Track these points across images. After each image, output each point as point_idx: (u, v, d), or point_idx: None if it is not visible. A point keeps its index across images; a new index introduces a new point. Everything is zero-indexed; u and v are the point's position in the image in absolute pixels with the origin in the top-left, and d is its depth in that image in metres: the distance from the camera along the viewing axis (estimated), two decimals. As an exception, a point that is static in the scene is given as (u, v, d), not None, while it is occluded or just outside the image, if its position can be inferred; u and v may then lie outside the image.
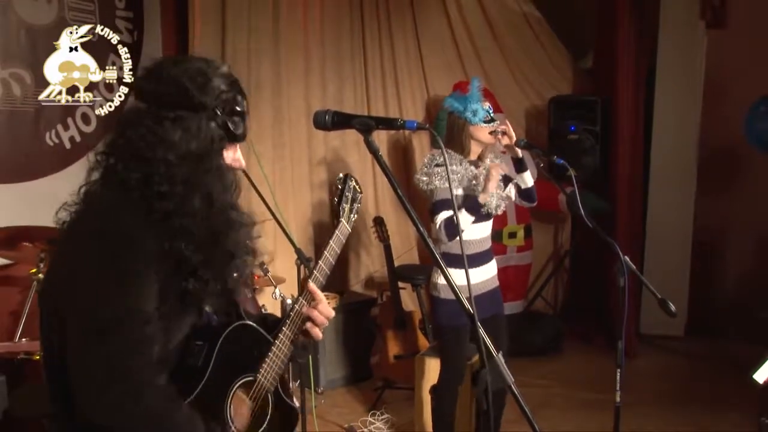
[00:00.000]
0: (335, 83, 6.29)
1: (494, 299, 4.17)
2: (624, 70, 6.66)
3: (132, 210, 1.80)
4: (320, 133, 4.96)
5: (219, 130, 1.90)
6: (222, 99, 1.90)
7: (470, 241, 4.03)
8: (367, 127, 2.03)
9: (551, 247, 7.62)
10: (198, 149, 1.85)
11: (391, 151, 6.79)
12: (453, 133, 4.07)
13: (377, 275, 6.35)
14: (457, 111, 4.05)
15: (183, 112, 1.85)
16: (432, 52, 7.04)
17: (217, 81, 1.90)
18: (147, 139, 1.82)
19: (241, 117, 1.95)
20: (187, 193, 1.83)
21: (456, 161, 3.99)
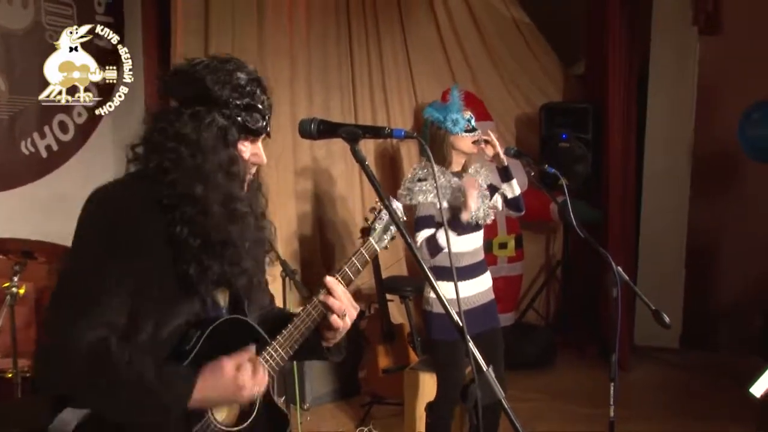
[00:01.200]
0: (322, 91, 6.29)
1: (489, 312, 4.15)
2: (616, 77, 6.68)
3: (143, 192, 1.94)
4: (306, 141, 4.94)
5: (234, 124, 2.02)
6: (240, 93, 2.02)
7: (462, 253, 4.02)
8: (354, 136, 2.02)
9: (542, 257, 7.63)
10: (208, 141, 1.97)
11: (378, 161, 6.79)
12: (434, 143, 4.06)
13: (364, 287, 6.34)
14: (437, 121, 4.04)
15: (200, 108, 1.98)
16: (421, 59, 7.05)
17: (238, 76, 2.03)
18: (165, 131, 1.97)
19: (259, 113, 2.07)
20: (193, 182, 1.94)
21: (438, 173, 3.98)
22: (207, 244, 1.96)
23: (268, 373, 2.09)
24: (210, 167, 1.96)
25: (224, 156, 2.00)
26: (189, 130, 1.96)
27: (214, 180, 1.97)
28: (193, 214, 1.94)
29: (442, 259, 3.92)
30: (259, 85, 2.10)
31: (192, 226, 1.94)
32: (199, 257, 1.95)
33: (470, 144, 4.02)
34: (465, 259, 4.03)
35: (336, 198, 6.36)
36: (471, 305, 4.03)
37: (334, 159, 6.32)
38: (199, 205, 1.94)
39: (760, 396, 3.13)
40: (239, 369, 1.95)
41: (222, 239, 1.98)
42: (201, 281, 1.97)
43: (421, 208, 3.93)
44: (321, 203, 6.26)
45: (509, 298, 6.97)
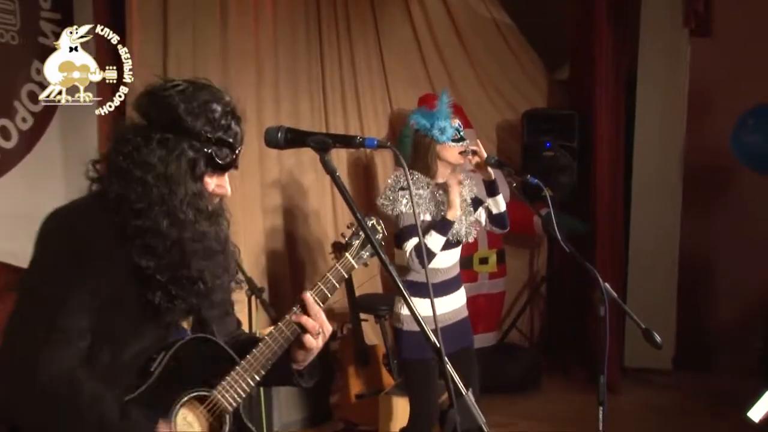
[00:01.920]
0: (290, 96, 6.27)
1: (463, 331, 4.17)
2: (602, 82, 6.74)
3: (106, 217, 1.99)
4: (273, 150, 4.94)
5: (203, 157, 2.05)
6: (213, 126, 2.05)
7: (437, 269, 4.04)
8: (324, 146, 2.04)
9: (526, 273, 7.65)
10: (175, 173, 2.00)
11: (351, 171, 6.79)
12: (419, 152, 4.07)
13: (336, 306, 6.32)
14: (424, 128, 4.05)
15: (170, 135, 2.01)
16: (396, 63, 7.07)
17: (213, 108, 2.05)
18: (131, 157, 2.00)
19: (230, 147, 2.09)
20: (160, 216, 1.98)
21: (422, 184, 4.00)
22: (175, 277, 2.00)
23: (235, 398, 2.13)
24: (177, 201, 2.00)
25: (191, 190, 2.03)
26: (156, 159, 2.00)
27: (181, 215, 2.01)
28: (160, 250, 1.98)
29: (415, 274, 3.94)
30: (234, 117, 2.12)
31: (159, 261, 1.98)
32: (167, 289, 2.00)
33: (457, 154, 4.03)
34: (440, 275, 4.05)
35: (307, 211, 6.35)
36: (444, 323, 4.04)
37: (304, 169, 6.30)
38: (166, 240, 1.99)
39: (758, 421, 3.14)
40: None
41: (191, 276, 2.03)
42: (167, 312, 2.02)
43: (406, 217, 3.94)
44: (290, 217, 6.24)
45: (491, 316, 6.99)
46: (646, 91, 6.98)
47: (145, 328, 2.03)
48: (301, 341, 2.21)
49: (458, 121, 4.10)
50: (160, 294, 1.99)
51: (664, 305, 6.88)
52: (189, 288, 2.03)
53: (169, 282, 2.00)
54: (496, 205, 4.19)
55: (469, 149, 4.04)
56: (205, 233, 2.05)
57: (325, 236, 6.32)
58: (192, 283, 2.03)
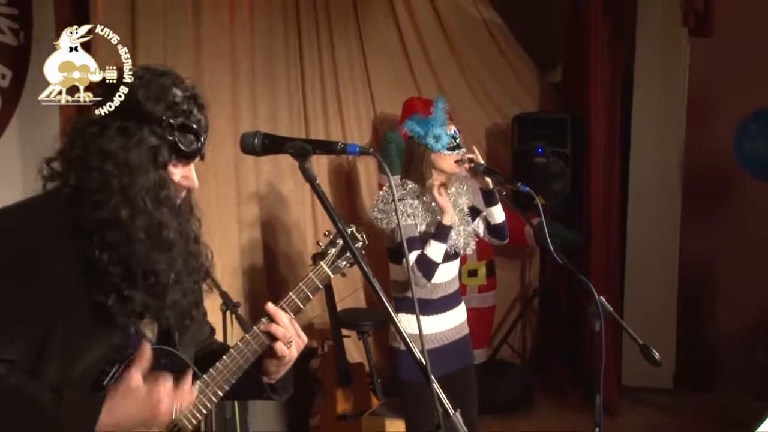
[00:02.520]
0: (267, 99, 6.26)
1: (464, 349, 4.19)
2: (597, 84, 6.76)
3: (53, 215, 1.96)
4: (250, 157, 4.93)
5: (166, 144, 2.02)
6: (174, 111, 2.03)
7: (436, 284, 4.04)
8: (303, 152, 2.04)
9: (517, 286, 7.66)
10: (136, 161, 1.98)
11: (332, 178, 6.79)
12: (412, 161, 4.08)
13: (317, 321, 6.32)
14: (418, 136, 4.06)
15: (129, 123, 1.99)
16: (379, 65, 7.08)
17: (174, 92, 2.04)
18: (87, 147, 1.98)
19: (194, 133, 2.07)
20: (119, 205, 1.95)
21: (416, 194, 4.00)
22: (129, 273, 1.96)
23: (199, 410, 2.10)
24: (137, 190, 1.97)
25: (153, 178, 2.01)
26: (115, 147, 1.97)
27: (141, 204, 1.98)
28: (116, 240, 1.95)
29: (418, 290, 3.93)
30: (196, 103, 2.10)
31: (113, 253, 1.95)
32: (119, 287, 1.96)
33: (452, 163, 4.04)
34: (439, 291, 4.06)
35: (286, 221, 6.34)
36: (444, 341, 4.05)
37: (282, 177, 6.29)
38: (123, 230, 1.95)
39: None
40: (155, 382, 1.94)
41: (145, 269, 1.99)
42: (120, 313, 1.96)
43: (404, 230, 3.94)
44: (268, 228, 6.23)
45: (481, 332, 6.97)
46: (643, 93, 7.00)
47: (99, 336, 1.97)
48: (273, 351, 2.20)
49: (454, 128, 4.11)
50: (113, 295, 1.95)
51: (663, 320, 6.89)
52: (141, 283, 1.98)
53: (122, 278, 1.95)
54: (495, 215, 4.20)
55: (465, 158, 4.05)
56: (162, 223, 2.01)
57: (305, 248, 6.31)
58: (145, 278, 1.99)
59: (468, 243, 4.11)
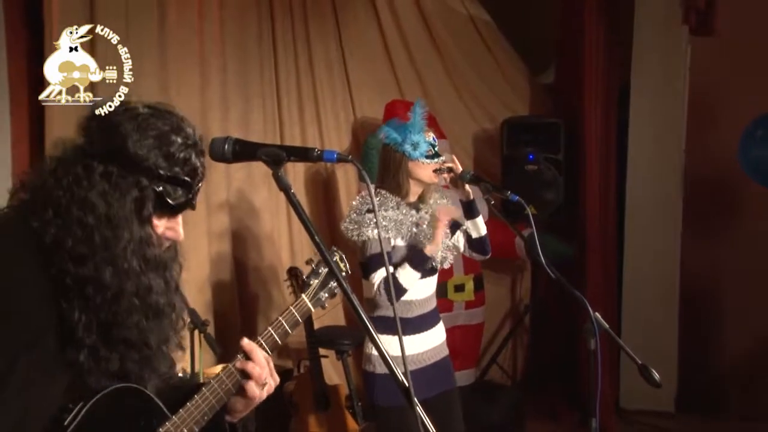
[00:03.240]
0: (239, 102, 6.26)
1: (444, 371, 4.17)
2: (592, 86, 6.79)
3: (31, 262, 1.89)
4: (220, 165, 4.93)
5: (151, 195, 1.97)
6: (168, 161, 1.98)
7: (411, 301, 4.03)
8: (277, 159, 2.04)
9: (507, 302, 7.68)
10: (117, 214, 1.93)
11: (309, 187, 6.79)
12: (388, 169, 4.08)
13: (293, 341, 6.30)
14: (394, 142, 4.05)
15: (115, 168, 1.94)
16: (360, 66, 7.09)
17: (171, 139, 1.99)
18: (70, 190, 1.92)
19: (184, 186, 2.02)
20: (101, 262, 1.90)
21: (391, 204, 4.00)
22: (108, 339, 1.93)
23: None
24: (121, 248, 1.93)
25: (137, 234, 1.97)
26: (97, 196, 1.92)
27: (126, 265, 1.94)
28: (98, 302, 1.91)
29: (387, 308, 3.93)
30: (195, 150, 2.05)
31: (92, 315, 1.90)
32: (95, 347, 1.92)
33: (431, 173, 4.04)
34: (415, 309, 4.05)
35: (258, 233, 6.33)
36: (422, 363, 4.04)
37: (255, 186, 6.29)
38: (107, 292, 1.91)
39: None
40: None
41: (129, 338, 1.95)
42: (91, 373, 1.93)
43: (373, 244, 3.92)
44: (239, 240, 6.22)
45: (468, 352, 6.98)
46: (641, 96, 7.01)
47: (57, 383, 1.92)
48: (243, 390, 2.19)
49: (432, 135, 4.11)
50: (85, 352, 1.90)
51: (663, 338, 6.89)
52: (125, 351, 1.94)
53: (100, 340, 1.91)
54: (476, 228, 4.20)
55: (444, 167, 4.05)
56: (151, 288, 1.98)
57: (279, 262, 6.30)
58: (129, 347, 1.95)
59: (446, 257, 4.11)
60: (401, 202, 4.03)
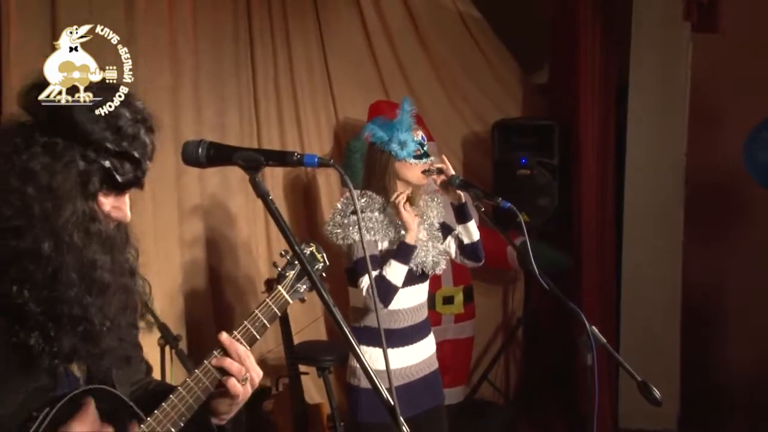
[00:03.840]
0: (214, 103, 6.24)
1: (434, 386, 4.18)
2: (588, 86, 6.81)
3: None
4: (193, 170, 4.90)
5: (98, 170, 1.98)
6: (117, 135, 1.99)
7: (400, 310, 4.04)
8: (254, 164, 2.05)
9: (499, 315, 7.68)
10: (62, 187, 1.93)
11: (288, 193, 6.78)
12: (374, 170, 4.10)
13: (271, 357, 6.30)
14: (380, 141, 4.07)
15: (58, 139, 1.95)
16: (342, 64, 7.09)
17: (119, 111, 2.00)
18: (10, 161, 1.93)
19: (135, 163, 2.03)
20: (42, 236, 1.91)
21: (377, 206, 4.00)
22: (54, 314, 1.92)
23: None
24: (63, 221, 1.93)
25: (81, 209, 1.97)
26: (40, 167, 1.93)
27: (68, 238, 1.94)
28: (39, 277, 1.91)
29: (374, 319, 3.93)
30: (145, 125, 2.07)
31: (34, 291, 1.91)
32: (45, 326, 1.92)
33: (419, 174, 4.05)
34: (404, 319, 4.06)
35: (234, 242, 6.32)
36: (410, 378, 4.04)
37: (230, 191, 6.27)
38: (47, 266, 1.91)
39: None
40: None
41: (75, 314, 1.95)
42: (45, 354, 1.93)
43: (360, 248, 3.94)
44: (214, 249, 6.21)
45: (458, 367, 6.99)
46: (640, 96, 7.01)
47: (21, 378, 1.93)
48: (224, 389, 2.20)
49: (421, 134, 4.13)
50: (36, 334, 1.91)
51: (665, 353, 6.89)
52: (71, 328, 1.94)
53: (47, 318, 1.91)
54: (468, 233, 4.21)
55: (433, 168, 4.06)
56: (95, 262, 1.98)
57: (256, 272, 6.29)
58: (75, 323, 1.95)
59: (438, 262, 4.12)
60: (387, 205, 4.04)
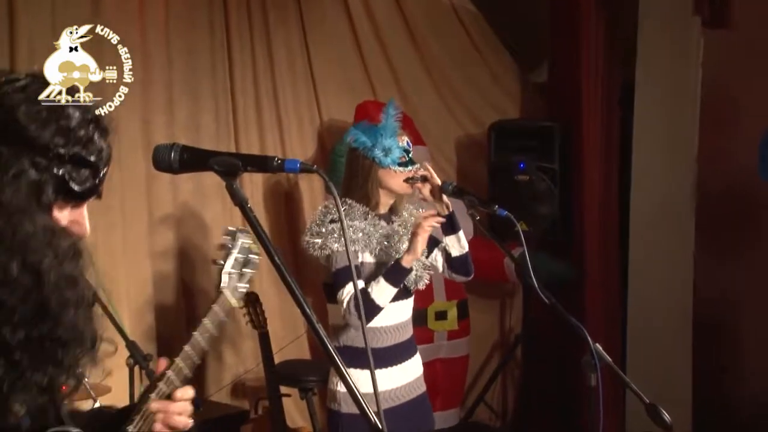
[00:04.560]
0: (188, 103, 6.23)
1: (421, 411, 4.18)
2: (591, 85, 6.83)
3: None
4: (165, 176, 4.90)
5: (51, 179, 1.90)
6: (68, 138, 1.92)
7: (383, 328, 4.04)
8: (232, 169, 2.04)
9: (496, 331, 7.70)
10: (13, 201, 1.85)
11: (268, 200, 6.76)
12: (356, 177, 4.10)
13: (249, 378, 6.29)
14: (363, 147, 4.07)
15: (4, 147, 1.87)
16: (327, 62, 7.08)
17: (68, 112, 1.94)
18: None
19: (90, 167, 1.95)
20: (4, 255, 1.83)
21: (358, 214, 4.01)
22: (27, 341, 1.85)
23: None
24: (25, 237, 1.85)
25: (42, 225, 1.89)
26: None
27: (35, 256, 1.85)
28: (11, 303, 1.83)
29: (355, 337, 3.92)
30: (98, 127, 2.00)
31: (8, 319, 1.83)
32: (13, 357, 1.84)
33: (402, 182, 4.06)
34: (387, 338, 4.05)
35: (209, 253, 6.29)
36: (396, 401, 4.04)
37: (205, 198, 6.25)
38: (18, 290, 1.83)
39: None
40: None
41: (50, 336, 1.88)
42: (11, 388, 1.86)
43: (340, 257, 3.93)
44: (187, 262, 6.20)
45: (451, 389, 6.99)
46: (647, 96, 6.99)
47: None
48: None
49: (407, 139, 4.12)
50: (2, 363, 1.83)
51: (675, 373, 6.85)
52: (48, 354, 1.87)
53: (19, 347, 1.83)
54: (457, 245, 4.20)
55: (417, 176, 4.06)
56: (75, 278, 1.91)
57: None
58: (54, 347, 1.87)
59: (421, 277, 4.11)
60: (370, 213, 4.05)
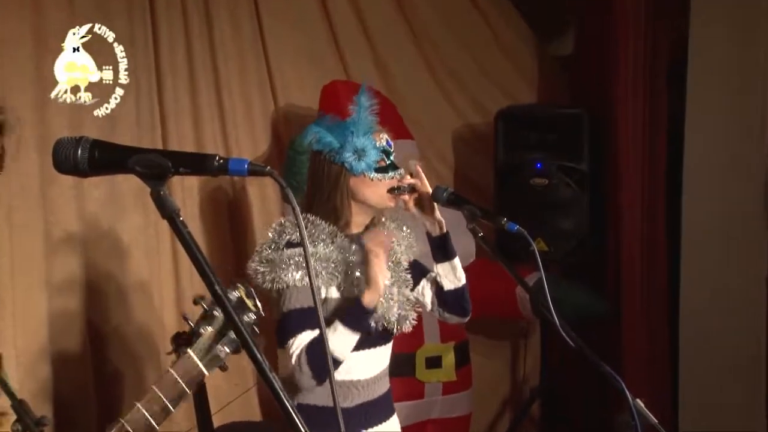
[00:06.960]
0: (99, 84, 6.22)
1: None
2: (629, 62, 6.84)
3: None
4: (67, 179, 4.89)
5: None
6: None
7: (350, 382, 4.04)
8: (158, 171, 2.05)
9: (506, 383, 7.73)
10: None
11: (207, 211, 6.75)
12: (321, 187, 4.05)
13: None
14: (328, 149, 4.02)
15: None
16: (283, 28, 7.06)
17: None
18: None
19: None
20: None
21: (322, 236, 3.96)
22: None
23: None
24: None
25: None
26: None
27: None
28: None
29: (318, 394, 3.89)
30: None
31: None
32: None
33: (384, 193, 4.01)
34: (357, 394, 4.05)
35: (125, 281, 6.28)
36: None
37: (122, 209, 6.21)
38: None
39: None
40: None
41: None
42: None
43: (294, 295, 3.85)
44: (96, 293, 6.17)
45: (448, 460, 7.02)
46: (702, 78, 6.97)
47: None
48: None
49: (386, 137, 4.07)
50: None
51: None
52: None
53: None
54: (450, 275, 4.18)
55: (404, 185, 4.03)
56: None
57: (159, 326, 6.25)
58: None
59: (405, 316, 4.06)
60: (338, 233, 3.98)
